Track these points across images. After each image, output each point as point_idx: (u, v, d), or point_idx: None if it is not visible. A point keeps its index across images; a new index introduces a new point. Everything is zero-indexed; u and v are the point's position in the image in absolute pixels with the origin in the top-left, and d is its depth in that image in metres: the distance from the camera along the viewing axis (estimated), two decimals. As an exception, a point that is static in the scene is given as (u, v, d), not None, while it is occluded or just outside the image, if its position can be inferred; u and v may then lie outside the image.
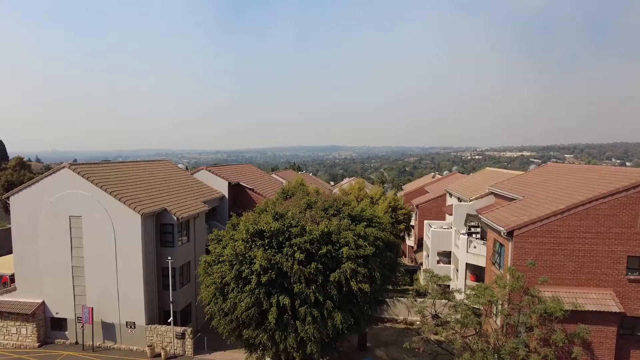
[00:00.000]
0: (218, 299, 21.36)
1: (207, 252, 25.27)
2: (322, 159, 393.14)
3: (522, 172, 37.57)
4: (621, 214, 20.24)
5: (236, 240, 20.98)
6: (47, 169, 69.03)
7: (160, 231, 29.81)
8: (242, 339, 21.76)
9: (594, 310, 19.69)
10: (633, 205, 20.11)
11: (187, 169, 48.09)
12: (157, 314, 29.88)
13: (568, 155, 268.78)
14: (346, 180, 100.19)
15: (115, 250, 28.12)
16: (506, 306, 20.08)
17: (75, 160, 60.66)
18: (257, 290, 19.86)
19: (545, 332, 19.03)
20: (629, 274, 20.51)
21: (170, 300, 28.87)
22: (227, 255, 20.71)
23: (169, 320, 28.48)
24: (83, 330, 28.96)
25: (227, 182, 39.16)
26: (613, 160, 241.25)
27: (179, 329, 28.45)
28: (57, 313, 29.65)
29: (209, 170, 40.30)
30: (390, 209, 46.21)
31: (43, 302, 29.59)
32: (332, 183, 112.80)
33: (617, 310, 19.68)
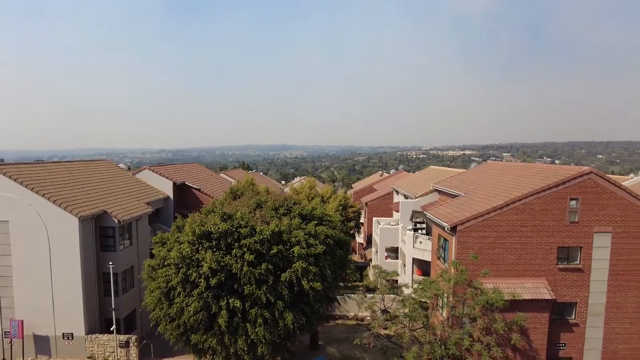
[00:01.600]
0: (164, 304, 20.57)
1: (152, 255, 24.23)
2: (272, 158, 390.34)
3: (464, 170, 39.37)
4: (552, 208, 21.74)
5: (182, 243, 20.27)
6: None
7: (100, 235, 28.16)
8: (190, 345, 21.13)
9: (530, 298, 21.02)
10: (562, 200, 21.67)
11: (129, 169, 45.85)
12: (98, 323, 28.21)
13: (506, 154, 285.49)
14: (297, 179, 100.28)
15: (49, 256, 26.17)
16: (451, 299, 20.93)
17: (2, 160, 55.87)
18: (205, 293, 19.34)
19: (487, 321, 20.05)
20: (559, 263, 22.09)
21: (113, 307, 27.35)
22: (172, 258, 19.96)
23: (111, 329, 26.98)
24: (11, 345, 26.69)
25: (172, 182, 37.73)
26: (544, 158, 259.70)
27: (123, 337, 27.04)
28: (-20, 328, 27.10)
29: (153, 170, 38.62)
30: (340, 207, 46.79)
31: (-35, 317, 26.95)
32: (283, 182, 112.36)
33: (549, 298, 21.14)
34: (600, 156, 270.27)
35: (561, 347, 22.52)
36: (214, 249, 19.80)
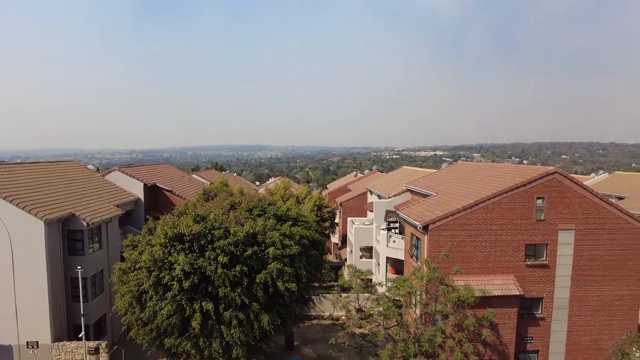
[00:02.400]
0: (135, 308, 20.16)
1: (122, 259, 23.67)
2: (246, 159, 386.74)
3: (435, 170, 40.21)
4: (520, 206, 22.50)
5: (154, 246, 19.91)
6: None
7: (68, 238, 27.23)
8: (163, 349, 20.78)
9: (499, 294, 21.68)
10: (529, 198, 22.46)
11: (98, 170, 44.48)
12: (66, 330, 27.26)
13: (476, 154, 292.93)
14: (272, 180, 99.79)
15: (12, 262, 25.09)
16: (424, 296, 21.34)
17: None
18: (178, 296, 19.07)
19: (459, 318, 20.54)
20: (527, 260, 22.88)
21: (81, 313, 26.49)
22: (143, 261, 19.58)
23: (80, 335, 26.14)
24: (-30, 356, 25.50)
25: (142, 184, 36.89)
26: (513, 158, 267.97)
27: (92, 344, 26.23)
28: None
29: (123, 171, 37.65)
30: (315, 207, 46.88)
31: None
32: (257, 183, 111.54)
33: (518, 294, 21.87)
34: (565, 156, 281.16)
35: (529, 341, 23.33)
36: (187, 252, 19.54)
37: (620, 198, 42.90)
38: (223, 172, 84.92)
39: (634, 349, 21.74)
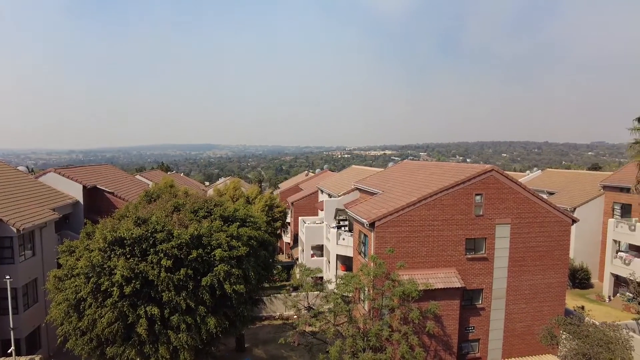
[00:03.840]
0: (72, 317, 19.08)
1: (59, 265, 22.31)
2: (195, 158, 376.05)
3: (383, 169, 41.25)
4: (460, 203, 23.58)
5: (92, 251, 18.93)
6: None
7: (-5, 246, 25.23)
8: (105, 358, 19.79)
9: (442, 287, 22.61)
10: (468, 195, 23.59)
11: (30, 171, 41.61)
12: (-7, 345, 25.24)
13: (422, 153, 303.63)
14: (222, 180, 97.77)
15: None
16: (371, 291, 21.81)
17: None
18: (120, 302, 18.28)
19: (404, 311, 21.20)
20: (467, 253, 24.02)
21: (11, 327, 24.60)
22: (81, 267, 18.56)
23: (9, 351, 24.24)
24: None
25: (81, 186, 34.91)
26: (457, 157, 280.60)
27: (25, 359, 24.44)
28: None
29: (60, 173, 35.41)
30: (267, 207, 46.53)
31: None
32: (207, 183, 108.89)
33: (459, 286, 22.91)
34: (505, 155, 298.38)
35: (471, 330, 24.52)
36: (128, 256, 18.76)
37: (551, 193, 46.19)
38: (169, 173, 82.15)
39: (561, 331, 23.47)
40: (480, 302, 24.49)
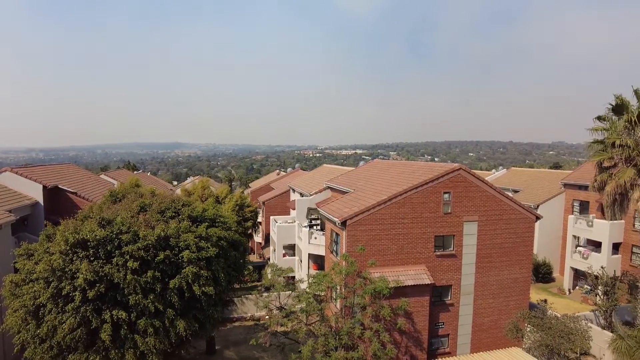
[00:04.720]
0: (30, 324, 18.11)
1: (16, 270, 21.18)
2: (163, 157, 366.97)
3: (354, 168, 41.48)
4: (429, 201, 23.98)
5: (53, 254, 18.04)
6: None
7: (-55, 251, 23.71)
8: (66, 366, 18.91)
9: (412, 284, 22.93)
10: (437, 193, 24.02)
11: (-15, 171, 39.30)
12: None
13: (392, 153, 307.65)
14: (190, 179, 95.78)
15: None
16: (343, 290, 21.86)
17: None
18: (83, 307, 17.51)
19: (375, 309, 21.35)
20: (436, 250, 24.47)
21: (-37, 335, 23.22)
22: (40, 271, 17.66)
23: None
24: None
25: (41, 186, 33.31)
26: (425, 156, 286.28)
27: (-22, 369, 23.13)
28: None
29: (16, 172, 33.63)
30: (237, 207, 45.87)
31: None
32: (175, 183, 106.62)
33: (429, 282, 23.30)
34: (471, 154, 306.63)
35: (440, 326, 25.00)
36: (91, 258, 17.99)
37: (516, 191, 47.75)
38: (136, 172, 79.77)
39: (526, 324, 24.27)
40: (449, 298, 24.99)
